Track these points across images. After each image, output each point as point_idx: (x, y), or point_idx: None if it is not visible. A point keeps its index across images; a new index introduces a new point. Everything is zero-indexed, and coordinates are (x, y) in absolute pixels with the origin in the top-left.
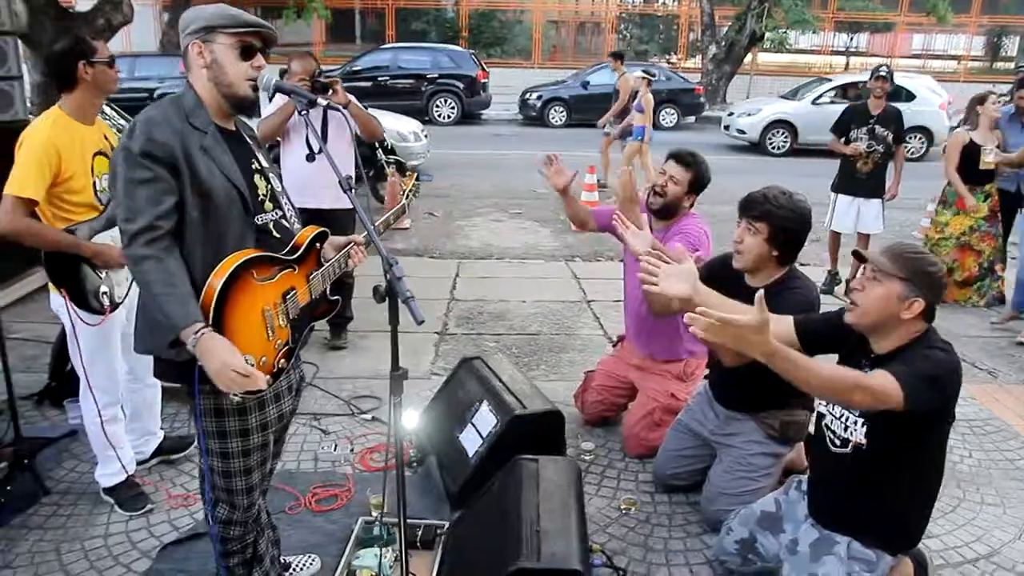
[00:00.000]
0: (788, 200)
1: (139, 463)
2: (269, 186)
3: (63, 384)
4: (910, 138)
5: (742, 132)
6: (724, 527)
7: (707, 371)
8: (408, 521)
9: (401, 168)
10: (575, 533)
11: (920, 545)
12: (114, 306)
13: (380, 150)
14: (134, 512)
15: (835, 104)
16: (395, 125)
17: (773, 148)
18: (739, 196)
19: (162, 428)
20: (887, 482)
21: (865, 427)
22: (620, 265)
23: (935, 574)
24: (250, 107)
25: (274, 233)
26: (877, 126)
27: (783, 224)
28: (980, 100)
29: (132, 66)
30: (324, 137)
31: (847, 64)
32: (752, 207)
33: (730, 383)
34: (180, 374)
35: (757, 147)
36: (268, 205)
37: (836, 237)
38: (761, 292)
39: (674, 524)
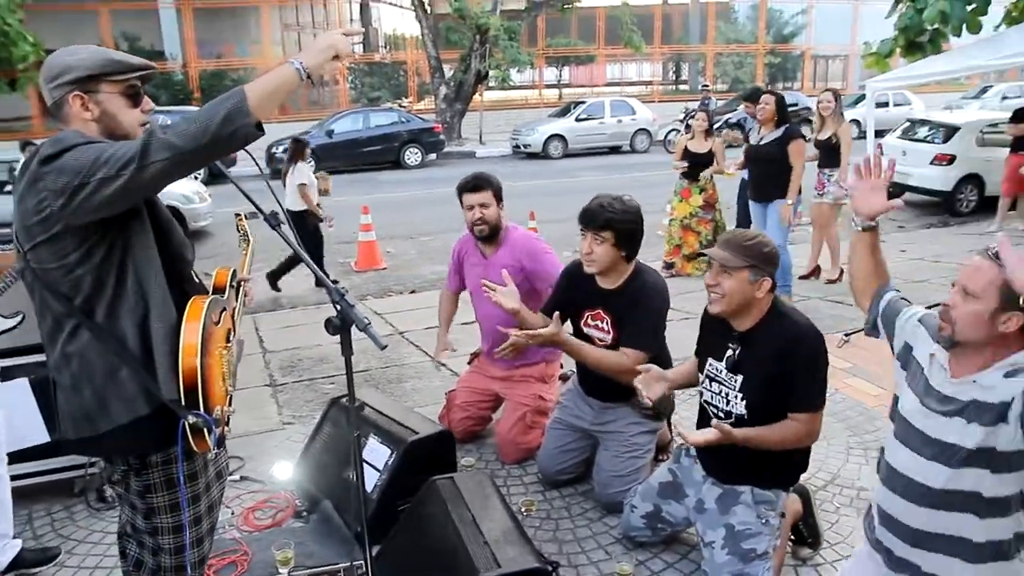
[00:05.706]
0: (623, 204)
1: None
2: None
3: None
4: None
5: None
6: (627, 506)
7: (561, 372)
8: (323, 569)
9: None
10: (518, 534)
11: None
12: None
13: None
14: None
15: None
16: (179, 188)
17: None
18: None
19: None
20: None
21: (744, 402)
22: (416, 296)
23: (813, 499)
24: None
25: (194, 277)
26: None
27: (625, 228)
28: (692, 115)
29: None
30: None
31: (560, 95)
32: (594, 219)
33: (597, 377)
34: (140, 441)
35: None
36: None
37: None
38: (557, 316)
39: (575, 514)
